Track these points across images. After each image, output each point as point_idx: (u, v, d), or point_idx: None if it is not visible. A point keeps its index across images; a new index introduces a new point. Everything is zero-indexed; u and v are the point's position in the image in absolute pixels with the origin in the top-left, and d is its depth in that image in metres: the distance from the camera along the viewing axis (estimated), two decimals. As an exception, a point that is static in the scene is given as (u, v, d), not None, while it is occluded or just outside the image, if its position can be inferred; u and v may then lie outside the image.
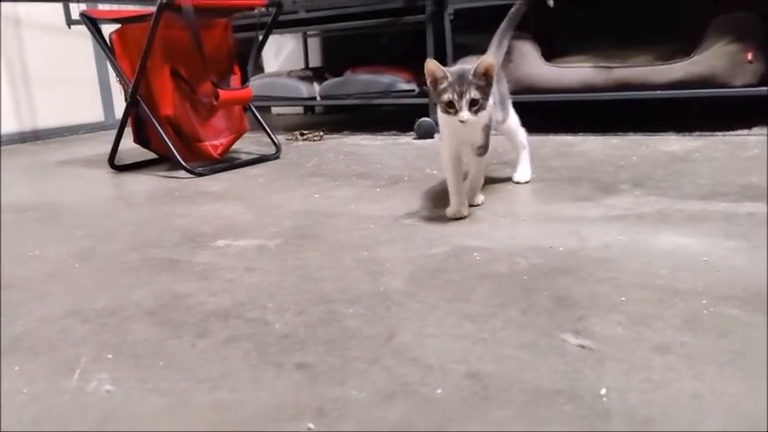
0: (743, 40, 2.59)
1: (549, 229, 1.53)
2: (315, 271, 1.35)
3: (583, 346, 0.94)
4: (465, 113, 1.51)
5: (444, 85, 1.53)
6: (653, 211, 1.62)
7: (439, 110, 1.61)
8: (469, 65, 1.54)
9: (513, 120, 1.98)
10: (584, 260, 1.30)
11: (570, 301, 1.11)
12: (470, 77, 1.51)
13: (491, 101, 1.62)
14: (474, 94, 1.51)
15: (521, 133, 1.99)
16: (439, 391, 0.85)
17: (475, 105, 1.52)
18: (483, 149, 1.68)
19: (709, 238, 1.39)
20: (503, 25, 1.94)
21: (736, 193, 1.71)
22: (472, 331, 1.02)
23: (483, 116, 1.58)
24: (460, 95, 1.51)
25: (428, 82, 1.57)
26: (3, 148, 3.72)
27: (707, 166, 2.07)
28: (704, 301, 1.07)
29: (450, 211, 1.66)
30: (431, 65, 1.54)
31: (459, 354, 0.95)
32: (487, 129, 1.65)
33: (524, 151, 2.01)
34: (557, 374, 0.87)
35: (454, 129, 1.60)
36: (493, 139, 1.72)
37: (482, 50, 1.64)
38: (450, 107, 1.54)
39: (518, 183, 1.98)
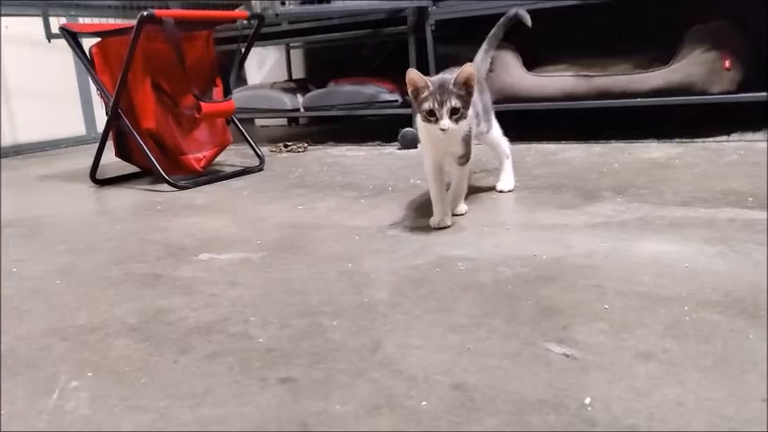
0: (720, 48, 2.62)
1: (533, 238, 1.53)
2: (299, 283, 1.34)
3: (567, 355, 0.95)
4: (446, 122, 1.51)
5: (425, 94, 1.54)
6: (635, 217, 1.63)
7: (419, 119, 1.61)
8: (450, 74, 1.55)
9: (496, 130, 1.99)
10: (568, 268, 1.31)
11: (554, 309, 1.11)
12: (451, 87, 1.52)
13: (472, 110, 1.63)
14: (455, 102, 1.51)
15: (503, 143, 2.01)
16: (424, 403, 0.85)
17: (456, 114, 1.52)
18: (464, 159, 1.69)
19: (691, 244, 1.40)
20: (489, 36, 1.99)
21: (717, 200, 1.73)
22: (457, 342, 1.02)
23: (463, 125, 1.59)
24: (441, 104, 1.51)
25: (409, 92, 1.57)
26: (-18, 163, 3.68)
27: (687, 173, 2.09)
28: (686, 308, 1.07)
29: (433, 220, 1.66)
30: (412, 74, 1.55)
31: (444, 365, 0.95)
32: (468, 138, 1.65)
33: (507, 160, 2.03)
34: (541, 384, 0.87)
35: (435, 138, 1.60)
36: (475, 148, 1.73)
37: (465, 61, 1.63)
38: (431, 116, 1.54)
39: (501, 191, 1.99)
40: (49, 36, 3.37)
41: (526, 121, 3.21)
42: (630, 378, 0.87)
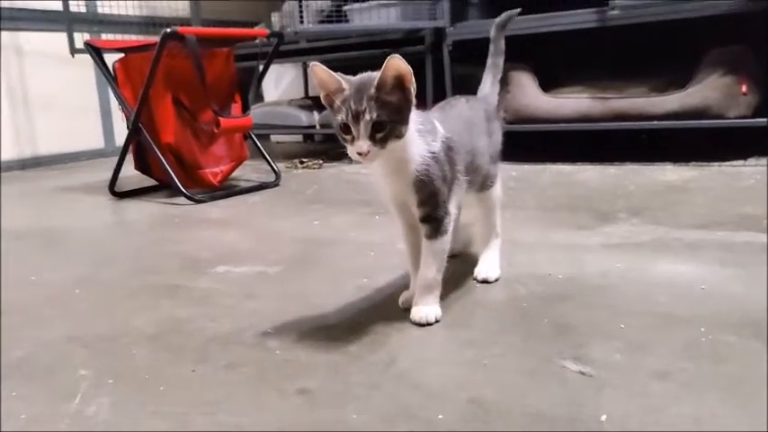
0: (737, 73, 2.63)
1: (548, 257, 1.53)
2: (315, 297, 1.35)
3: (583, 373, 0.95)
4: (363, 142, 1.04)
5: (339, 101, 1.06)
6: (650, 239, 1.63)
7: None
8: (378, 72, 1.05)
9: (499, 188, 1.44)
10: (583, 287, 1.31)
11: (570, 327, 1.11)
12: (373, 91, 1.03)
13: (467, 155, 1.18)
14: (378, 114, 1.03)
15: (499, 211, 1.45)
16: (440, 415, 0.85)
17: (380, 131, 1.04)
18: (429, 225, 1.15)
19: (707, 266, 1.40)
20: (491, 54, 1.50)
21: (733, 223, 1.73)
22: (472, 357, 1.02)
23: (408, 158, 1.10)
24: (356, 116, 1.04)
25: (321, 97, 1.11)
26: (3, 174, 3.73)
27: (703, 196, 2.09)
28: (702, 329, 1.07)
29: (401, 298, 1.25)
30: (318, 71, 1.07)
31: (459, 379, 0.95)
32: (430, 184, 1.12)
33: (497, 240, 1.45)
34: (557, 400, 0.88)
35: (376, 176, 1.17)
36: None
37: (481, 80, 1.53)
38: (346, 133, 1.06)
39: (486, 281, 1.38)
40: (73, 51, 3.45)
41: (542, 142, 3.23)
42: (646, 396, 0.87)
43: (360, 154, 1.05)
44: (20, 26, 3.88)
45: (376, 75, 1.05)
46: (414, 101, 1.08)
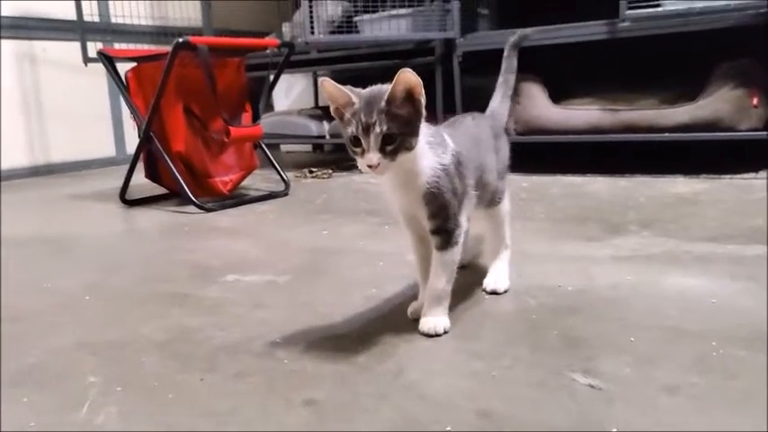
0: (748, 86, 2.62)
1: (558, 269, 1.53)
2: (323, 307, 1.36)
3: (592, 386, 0.94)
4: (374, 155, 1.05)
5: (349, 113, 1.08)
6: (661, 251, 1.62)
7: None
8: (388, 85, 1.07)
9: (507, 202, 1.44)
10: (593, 300, 1.30)
11: (579, 340, 1.11)
12: (383, 104, 1.05)
13: (473, 172, 1.17)
14: (388, 126, 1.04)
15: (508, 225, 1.45)
16: (448, 427, 0.85)
17: (390, 144, 1.05)
18: (440, 237, 1.15)
19: (717, 279, 1.39)
20: (503, 71, 1.50)
21: (743, 236, 1.72)
22: (481, 369, 1.02)
23: (419, 171, 1.11)
24: (367, 129, 1.05)
25: (332, 111, 1.12)
26: (16, 182, 3.76)
27: (714, 209, 2.08)
28: (713, 343, 1.07)
29: (410, 308, 1.26)
30: (327, 85, 1.08)
31: (468, 391, 0.95)
32: (440, 197, 1.12)
33: (506, 252, 1.45)
34: (566, 413, 0.87)
35: (385, 189, 1.18)
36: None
37: (492, 92, 1.53)
38: (356, 145, 1.08)
39: (495, 292, 1.37)
40: (86, 60, 3.48)
41: (552, 154, 3.23)
42: (656, 410, 0.87)
43: (370, 166, 1.06)
44: (34, 35, 3.93)
45: (386, 88, 1.06)
46: (424, 113, 1.09)
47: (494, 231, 1.43)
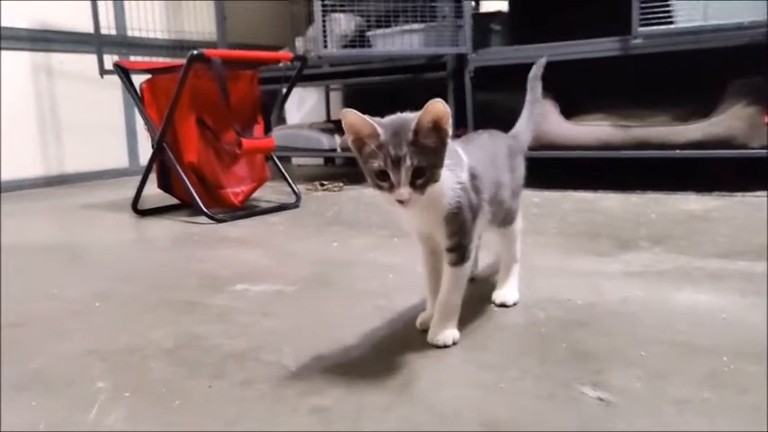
0: (761, 103, 2.61)
1: (568, 283, 1.52)
2: (332, 317, 1.36)
3: (601, 399, 0.94)
4: (404, 190, 1.01)
5: (373, 146, 1.03)
6: (672, 267, 1.61)
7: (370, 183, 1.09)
8: (413, 114, 1.04)
9: (520, 221, 1.44)
10: (603, 314, 1.30)
11: (588, 353, 1.10)
12: (410, 135, 1.01)
13: (467, 174, 1.13)
14: (417, 159, 1.01)
15: (519, 241, 1.44)
16: (455, 438, 0.84)
17: (420, 177, 1.02)
18: (456, 253, 1.14)
19: (728, 295, 1.38)
20: (529, 100, 1.53)
21: (755, 253, 1.71)
22: (489, 381, 1.01)
23: (442, 192, 1.08)
24: (396, 163, 1.01)
25: (350, 141, 1.07)
26: (29, 191, 3.80)
27: (725, 226, 2.07)
28: (724, 358, 1.06)
29: (419, 319, 1.26)
30: (350, 117, 1.04)
31: (475, 402, 0.94)
32: (460, 217, 1.11)
33: (516, 265, 1.44)
34: (574, 426, 0.86)
35: (398, 212, 1.11)
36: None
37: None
38: (383, 180, 1.03)
39: (504, 305, 1.38)
40: (102, 72, 3.53)
41: (563, 169, 3.22)
42: (667, 425, 0.86)
43: (400, 202, 1.02)
44: (52, 47, 3.99)
45: (411, 117, 1.03)
46: (448, 142, 1.06)
47: (505, 248, 1.42)
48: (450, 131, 1.05)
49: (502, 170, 1.29)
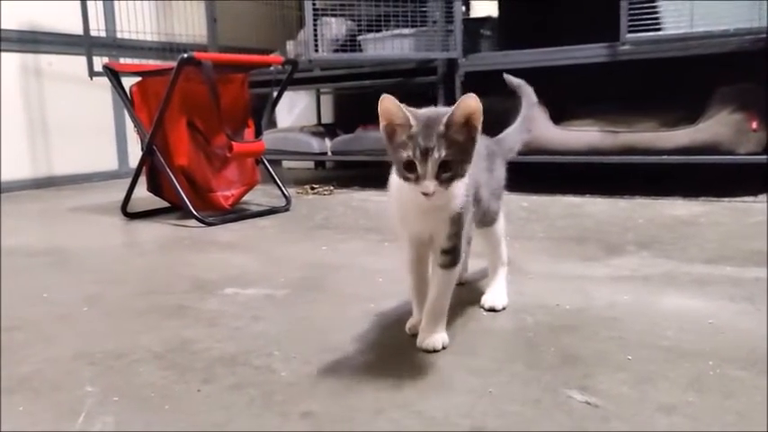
0: (747, 110, 2.64)
1: (556, 288, 1.53)
2: (321, 321, 1.36)
3: (589, 404, 0.94)
4: (430, 183, 1.01)
5: (404, 136, 1.04)
6: (659, 272, 1.62)
7: (394, 173, 1.11)
8: (447, 108, 1.05)
9: (502, 222, 1.43)
10: (591, 319, 1.31)
11: (576, 358, 1.11)
12: (442, 128, 1.01)
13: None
14: (447, 153, 1.01)
15: (504, 243, 1.45)
16: (443, 443, 0.85)
17: (447, 171, 1.02)
18: (450, 256, 1.14)
19: (715, 300, 1.39)
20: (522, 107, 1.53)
21: (742, 258, 1.72)
22: (477, 385, 1.02)
23: (456, 192, 1.09)
24: (425, 154, 1.01)
25: (381, 128, 1.08)
26: (17, 193, 3.78)
27: (712, 231, 2.09)
28: (710, 363, 1.07)
29: (408, 324, 1.26)
30: (387, 103, 1.04)
31: (464, 408, 0.95)
32: (459, 219, 1.12)
33: (503, 269, 1.44)
34: (562, 430, 0.87)
35: (411, 207, 1.12)
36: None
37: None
38: (410, 171, 1.03)
39: (493, 309, 1.37)
40: (92, 74, 3.51)
41: (552, 174, 3.24)
42: (653, 429, 0.87)
43: (425, 194, 1.02)
44: (41, 49, 3.97)
45: (444, 111, 1.03)
46: (477, 139, 1.06)
47: (491, 251, 1.43)
48: (480, 127, 1.05)
49: (481, 170, 1.28)
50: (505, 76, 1.52)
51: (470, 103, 1.02)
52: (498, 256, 1.43)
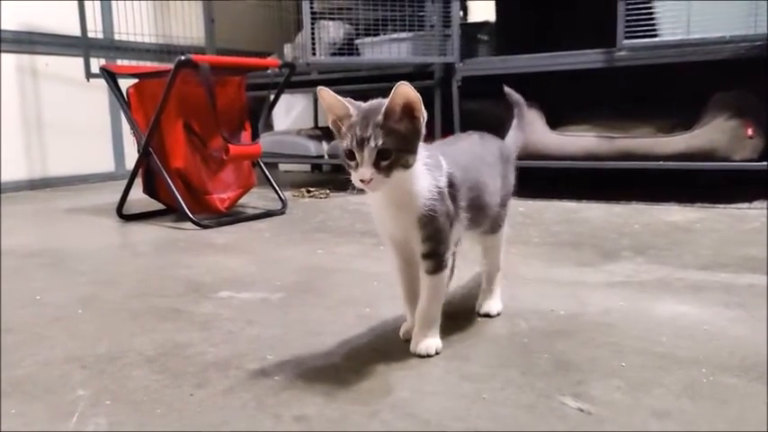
0: (743, 116, 2.65)
1: (550, 293, 1.53)
2: (316, 325, 1.36)
3: (582, 410, 0.94)
4: (367, 170, 1.02)
5: (346, 126, 1.06)
6: (654, 278, 1.63)
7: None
8: (387, 99, 1.04)
9: (506, 229, 1.40)
10: (585, 324, 1.31)
11: (570, 364, 1.11)
12: (380, 118, 1.02)
13: (445, 180, 1.12)
14: (384, 141, 1.01)
15: (503, 249, 1.42)
16: (436, 448, 0.85)
17: (386, 159, 1.02)
18: (432, 259, 1.13)
19: (710, 307, 1.39)
20: (517, 114, 1.53)
21: (737, 265, 1.73)
22: (471, 390, 1.02)
23: (415, 193, 1.08)
24: (361, 143, 1.02)
25: (330, 123, 1.10)
26: (12, 194, 3.77)
27: (708, 237, 2.09)
28: (704, 370, 1.07)
29: (402, 329, 1.25)
30: (325, 94, 1.07)
31: (457, 411, 0.95)
32: (434, 221, 1.10)
33: (499, 274, 1.42)
34: (555, 436, 0.87)
35: (376, 208, 1.15)
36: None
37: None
38: (351, 159, 1.05)
39: (488, 315, 1.37)
40: (89, 75, 3.51)
41: (548, 179, 3.24)
42: (645, 436, 0.87)
43: (362, 181, 1.03)
44: (38, 50, 3.96)
45: (385, 101, 1.03)
46: (423, 130, 1.06)
47: (489, 256, 1.39)
48: (425, 118, 1.05)
49: (489, 174, 1.26)
50: (506, 88, 1.52)
51: (406, 90, 1.02)
52: (496, 262, 1.40)
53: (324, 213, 2.81)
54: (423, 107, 1.05)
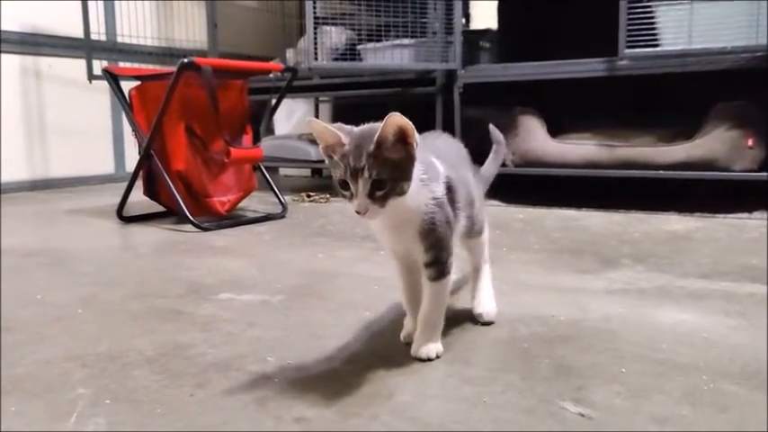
0: (743, 127, 2.66)
1: (551, 299, 1.54)
2: (317, 328, 1.36)
3: (582, 415, 0.94)
4: (362, 201, 1.01)
5: (338, 155, 1.03)
6: (654, 286, 1.63)
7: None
8: (379, 124, 1.01)
9: (487, 231, 1.41)
10: (585, 330, 1.31)
11: (570, 369, 1.11)
12: (372, 147, 1.00)
13: (443, 188, 1.12)
14: (377, 172, 1.00)
15: (487, 248, 1.42)
16: (437, 451, 0.85)
17: (380, 189, 1.01)
18: (435, 268, 1.13)
19: (710, 315, 1.39)
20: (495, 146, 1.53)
21: (737, 273, 1.73)
22: (472, 394, 1.02)
23: (412, 210, 1.08)
24: (355, 174, 1.00)
25: (321, 150, 1.07)
26: (14, 195, 3.77)
27: (708, 246, 2.09)
28: (704, 377, 1.07)
29: (403, 333, 1.25)
30: (316, 125, 1.04)
31: (458, 415, 0.95)
32: (434, 231, 1.10)
33: (486, 266, 1.42)
34: (555, 441, 0.87)
35: (376, 226, 1.14)
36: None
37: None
38: (345, 189, 1.04)
39: (486, 322, 1.35)
40: (91, 77, 3.52)
41: (548, 187, 3.25)
42: (646, 441, 0.87)
43: (358, 213, 1.01)
44: (41, 51, 3.97)
45: (377, 128, 1.01)
46: (416, 156, 1.04)
47: (476, 256, 1.40)
48: (417, 145, 1.03)
49: (469, 170, 1.29)
50: (490, 126, 1.55)
51: (397, 120, 0.99)
52: (483, 259, 1.41)
53: (324, 218, 2.82)
54: (416, 133, 1.02)
